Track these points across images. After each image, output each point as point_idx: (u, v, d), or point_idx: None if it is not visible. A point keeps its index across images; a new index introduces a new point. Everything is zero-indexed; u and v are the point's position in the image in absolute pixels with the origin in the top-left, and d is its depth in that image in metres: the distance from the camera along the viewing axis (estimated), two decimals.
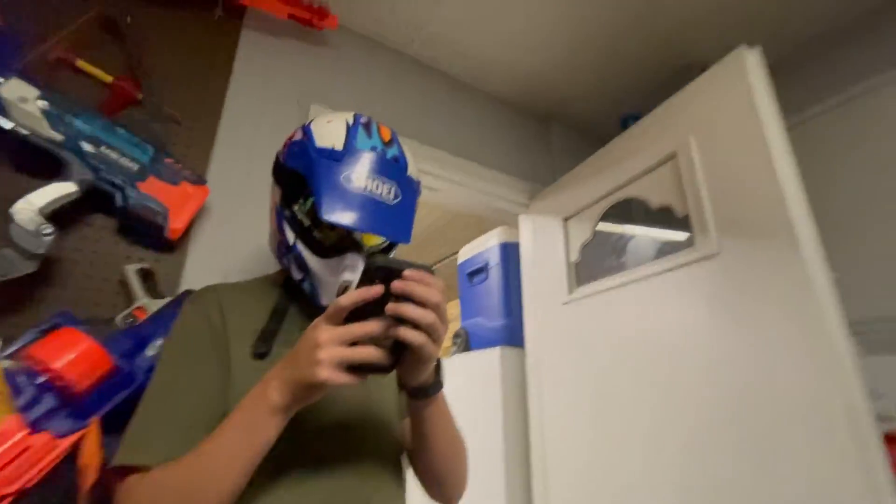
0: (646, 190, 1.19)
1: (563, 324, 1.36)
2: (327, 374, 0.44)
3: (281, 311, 0.66)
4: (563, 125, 1.85)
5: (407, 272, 0.47)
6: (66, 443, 0.66)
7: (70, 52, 0.90)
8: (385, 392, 0.69)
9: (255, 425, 0.48)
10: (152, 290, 0.85)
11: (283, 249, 0.68)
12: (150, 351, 0.78)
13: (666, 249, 1.11)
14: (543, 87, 1.65)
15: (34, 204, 0.74)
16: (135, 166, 0.85)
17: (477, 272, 1.89)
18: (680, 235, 1.06)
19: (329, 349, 0.45)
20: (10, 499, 0.60)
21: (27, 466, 0.62)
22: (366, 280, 0.47)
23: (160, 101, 0.97)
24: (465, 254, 2.03)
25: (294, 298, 0.69)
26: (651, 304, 1.09)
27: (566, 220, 1.47)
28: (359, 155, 0.61)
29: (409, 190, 0.65)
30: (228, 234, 0.99)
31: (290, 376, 0.47)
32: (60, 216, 0.79)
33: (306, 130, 0.66)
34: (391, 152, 0.65)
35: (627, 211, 1.25)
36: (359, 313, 0.47)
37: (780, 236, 0.83)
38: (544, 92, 1.67)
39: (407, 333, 0.47)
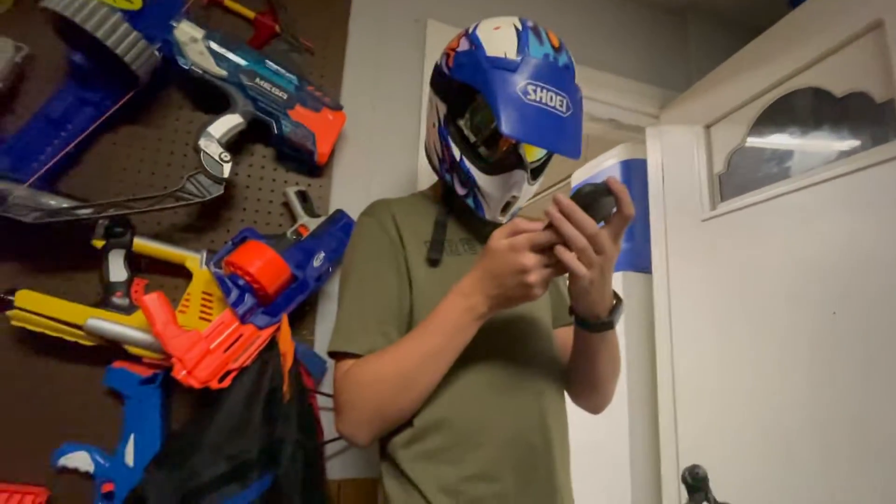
0: (826, 77, 0.97)
1: (700, 243, 1.24)
2: (540, 291, 0.52)
3: (443, 223, 0.70)
4: (703, 18, 1.56)
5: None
6: (266, 333, 0.79)
7: None
8: (540, 302, 0.73)
9: (461, 329, 0.56)
10: (310, 210, 0.95)
11: (446, 165, 0.69)
12: (316, 262, 0.88)
13: (849, 151, 0.92)
14: None
15: (214, 135, 0.85)
16: (284, 95, 0.92)
17: None
18: (877, 128, 0.87)
19: (539, 273, 0.51)
20: (235, 372, 0.74)
21: (243, 349, 0.76)
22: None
23: (295, 32, 1.01)
24: (579, 176, 1.93)
25: (451, 211, 0.72)
26: (825, 214, 0.93)
27: (708, 127, 1.29)
28: (533, 64, 0.59)
29: (577, 100, 0.62)
30: (366, 157, 1.05)
31: (498, 293, 0.54)
32: (230, 147, 0.89)
33: (473, 39, 0.64)
34: (562, 60, 0.62)
35: (795, 107, 1.05)
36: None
37: None
38: None
39: (563, 253, 0.50)
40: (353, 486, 0.93)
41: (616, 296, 0.61)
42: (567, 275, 0.54)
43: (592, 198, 0.50)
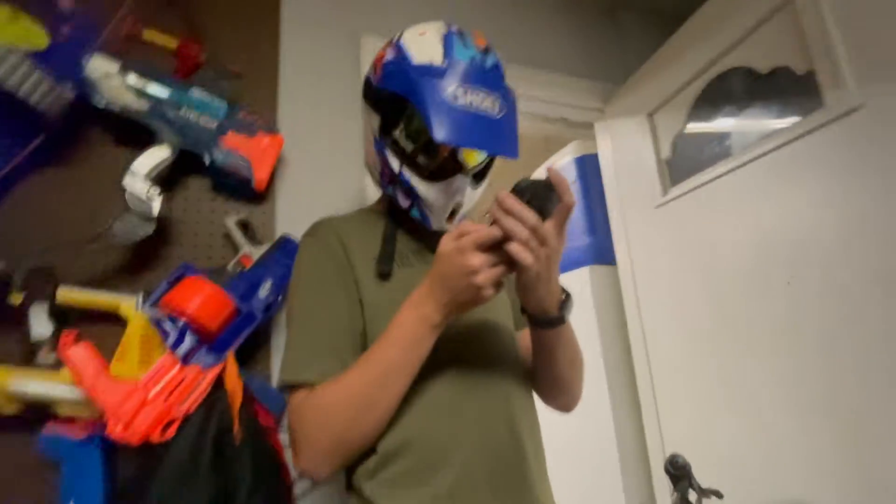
0: (750, 56, 1.00)
1: (657, 229, 1.25)
2: (491, 292, 0.50)
3: (391, 236, 0.68)
4: (631, 12, 1.61)
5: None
6: (211, 374, 0.74)
7: (137, 25, 0.93)
8: (498, 303, 0.71)
9: (417, 341, 0.54)
10: (252, 238, 0.91)
11: (386, 179, 0.68)
12: (262, 292, 0.84)
13: (780, 124, 0.94)
14: None
15: (139, 172, 0.80)
16: (213, 123, 0.89)
17: None
18: (802, 99, 0.89)
19: (487, 272, 0.49)
20: (179, 420, 0.69)
21: (186, 394, 0.71)
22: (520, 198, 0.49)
23: (222, 58, 0.99)
24: (536, 176, 1.93)
25: (399, 224, 0.70)
26: (767, 187, 0.94)
27: (651, 115, 1.31)
28: (461, 67, 0.58)
29: (510, 100, 0.62)
30: (309, 178, 1.03)
31: (450, 299, 0.52)
32: (163, 181, 0.85)
33: (399, 47, 0.63)
34: (490, 61, 0.62)
35: (727, 87, 1.08)
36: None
37: None
38: None
39: (510, 245, 0.48)
40: None
41: (564, 291, 0.60)
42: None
43: (533, 191, 0.49)
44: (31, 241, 0.79)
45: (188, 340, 0.74)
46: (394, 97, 0.62)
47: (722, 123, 1.10)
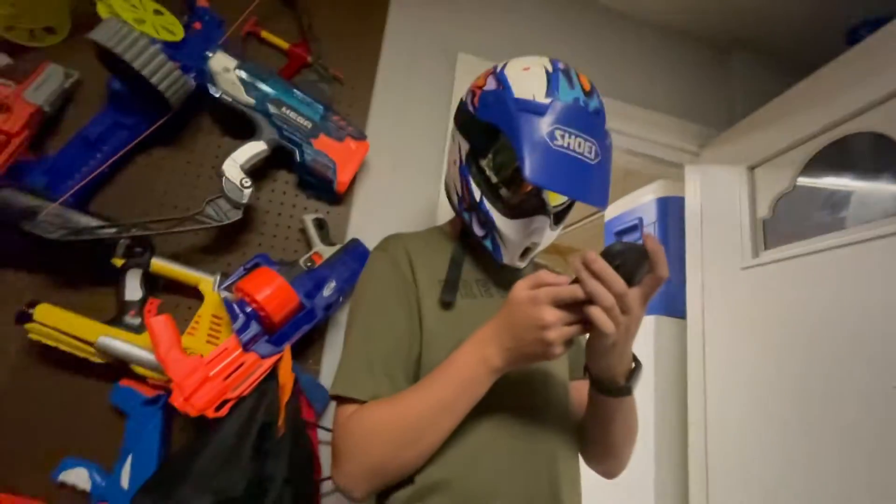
0: (888, 122, 0.88)
1: (740, 292, 1.14)
2: (560, 350, 0.48)
3: (458, 263, 0.67)
4: (748, 54, 1.49)
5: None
6: (268, 363, 0.78)
7: (257, 25, 1.01)
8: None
9: (474, 382, 0.52)
10: (325, 237, 0.94)
11: (465, 205, 0.67)
12: (326, 292, 0.87)
13: None
14: (723, 5, 1.33)
15: (237, 161, 0.86)
16: (309, 124, 0.93)
17: (627, 231, 1.71)
18: None
19: (559, 330, 0.47)
20: (232, 402, 0.73)
21: (242, 378, 0.75)
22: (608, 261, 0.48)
23: (326, 62, 1.04)
24: (613, 211, 1.85)
25: (468, 250, 0.69)
26: (884, 271, 0.83)
27: (752, 168, 1.20)
28: (562, 108, 0.56)
29: (607, 146, 0.59)
30: (387, 187, 1.05)
31: (514, 346, 0.50)
32: (254, 172, 0.91)
33: (501, 79, 0.62)
34: (593, 104, 0.60)
35: (852, 152, 0.96)
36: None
37: None
38: (724, 13, 1.36)
39: (593, 310, 0.46)
40: None
41: (635, 359, 0.56)
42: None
43: (624, 257, 0.47)
44: (138, 212, 0.87)
45: (252, 327, 0.78)
46: (488, 127, 0.62)
47: (838, 191, 0.98)
